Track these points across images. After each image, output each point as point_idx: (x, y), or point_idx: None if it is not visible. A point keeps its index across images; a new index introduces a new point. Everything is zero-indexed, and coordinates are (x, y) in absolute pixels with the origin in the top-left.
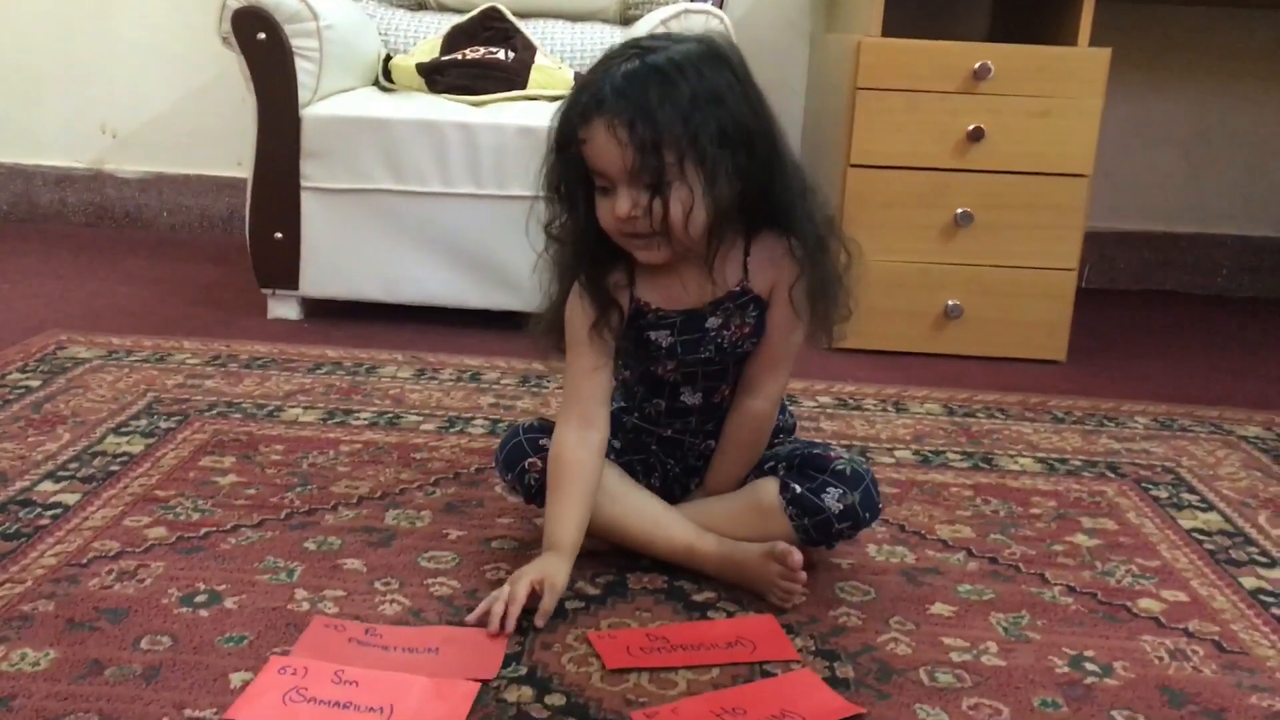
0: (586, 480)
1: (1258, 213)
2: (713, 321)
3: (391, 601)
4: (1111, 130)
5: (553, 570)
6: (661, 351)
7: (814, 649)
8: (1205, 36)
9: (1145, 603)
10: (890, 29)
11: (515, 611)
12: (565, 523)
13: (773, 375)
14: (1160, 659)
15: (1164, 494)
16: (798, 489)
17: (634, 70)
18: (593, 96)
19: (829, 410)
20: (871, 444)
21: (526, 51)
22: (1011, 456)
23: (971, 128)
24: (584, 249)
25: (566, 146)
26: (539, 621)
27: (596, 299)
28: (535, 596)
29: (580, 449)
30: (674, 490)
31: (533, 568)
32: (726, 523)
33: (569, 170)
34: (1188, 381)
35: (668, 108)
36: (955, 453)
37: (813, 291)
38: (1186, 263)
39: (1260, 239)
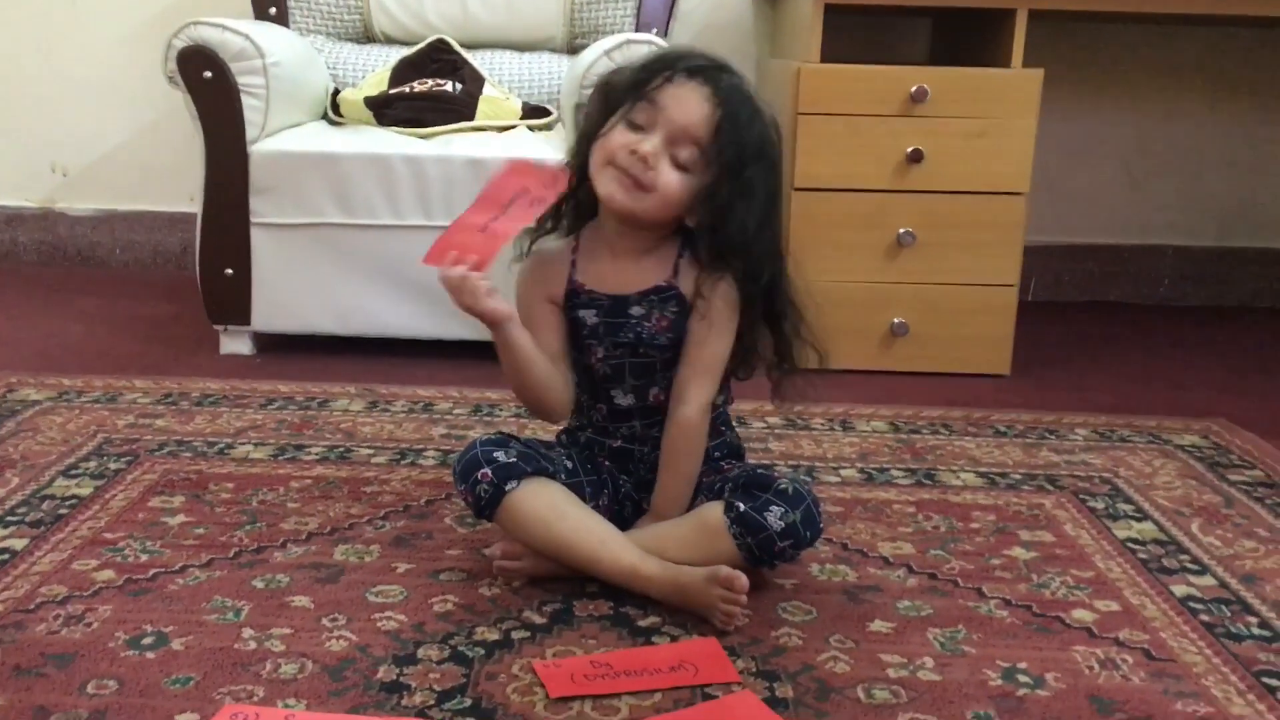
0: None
1: (1197, 224)
2: (636, 310)
3: (339, 638)
4: (1053, 147)
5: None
6: (586, 330)
7: (755, 670)
8: (1139, 53)
9: (1078, 613)
10: (831, 54)
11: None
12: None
13: (699, 383)
14: (1091, 668)
15: (1100, 505)
16: (741, 507)
17: (741, 84)
18: (711, 66)
19: (777, 431)
20: (818, 463)
21: (474, 83)
22: (954, 472)
23: (911, 150)
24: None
25: (652, 76)
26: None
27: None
28: None
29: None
30: (625, 508)
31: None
32: (673, 545)
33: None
34: (1129, 392)
35: (753, 129)
36: (899, 469)
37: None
38: (1130, 274)
39: (1200, 249)
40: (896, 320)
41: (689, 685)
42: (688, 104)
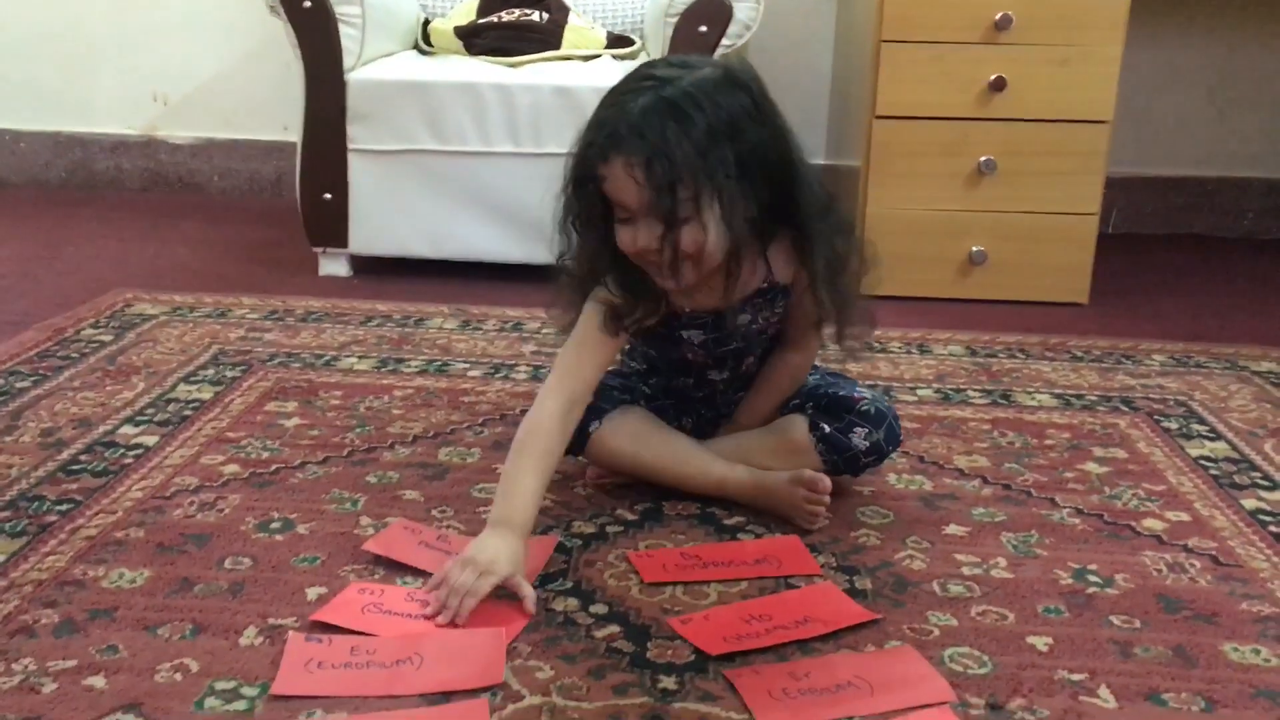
0: (554, 457)
1: None
2: (743, 318)
3: (448, 527)
4: (1137, 76)
5: (514, 562)
6: (694, 347)
7: (835, 565)
8: None
9: (1149, 522)
10: None
11: (471, 605)
12: (525, 498)
13: (814, 333)
14: (1159, 571)
15: (1174, 425)
16: (827, 429)
17: (649, 105)
18: (609, 135)
19: (855, 353)
20: (895, 384)
21: (560, 13)
22: (1029, 393)
23: (994, 77)
24: (604, 265)
25: (585, 183)
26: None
27: (631, 293)
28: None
29: (560, 427)
30: (705, 431)
31: (494, 557)
32: (758, 456)
33: (587, 200)
34: (1207, 321)
35: (684, 144)
36: (976, 390)
37: (831, 304)
38: (1213, 206)
39: None
40: (975, 248)
41: (773, 576)
42: (625, 186)
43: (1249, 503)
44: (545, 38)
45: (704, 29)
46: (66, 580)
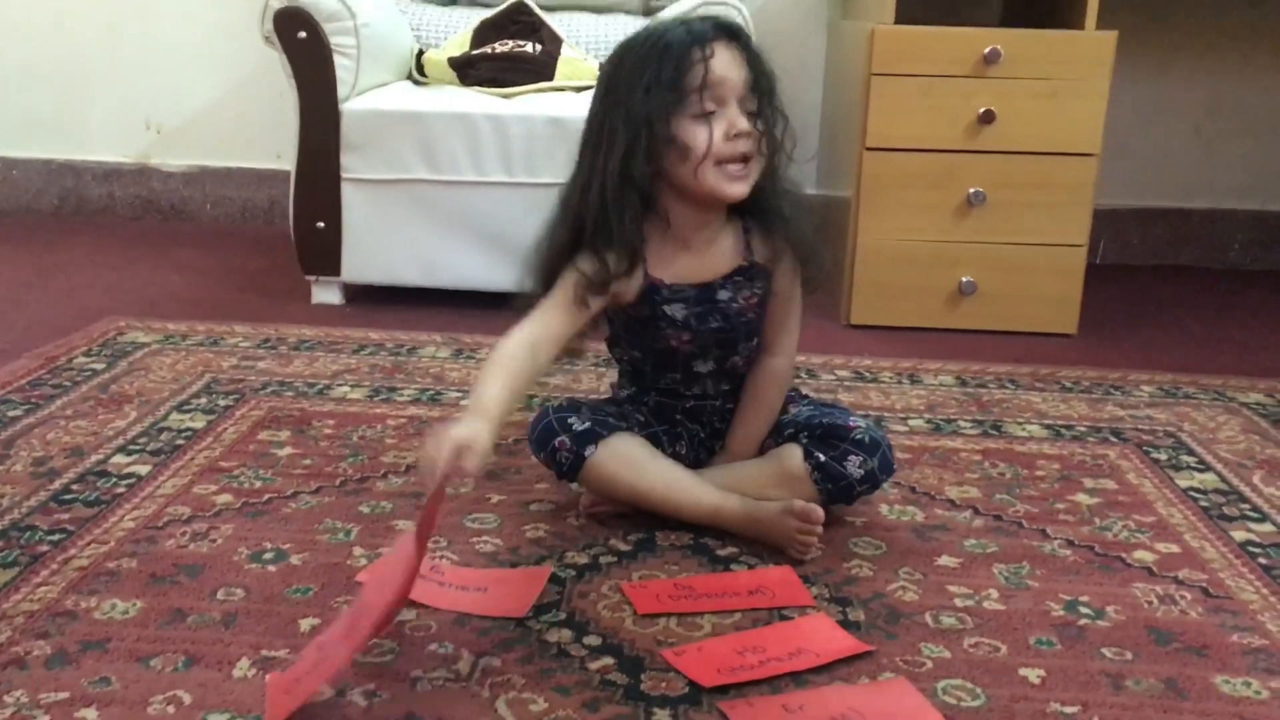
0: (521, 373)
1: (1270, 188)
2: (724, 294)
3: (441, 557)
4: (1125, 109)
5: (474, 432)
6: (676, 324)
7: (828, 596)
8: (1215, 15)
9: (1139, 554)
10: (904, 16)
11: (439, 475)
12: (494, 392)
13: (786, 332)
14: (1150, 603)
15: (1164, 456)
16: (822, 457)
17: (730, 22)
18: (714, 25)
19: (846, 383)
20: (886, 414)
21: (553, 44)
22: (1020, 424)
23: (983, 110)
24: (618, 199)
25: (689, 65)
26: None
27: (617, 255)
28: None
29: (529, 353)
30: (700, 455)
31: (455, 429)
32: (753, 486)
33: (650, 105)
34: (1195, 352)
35: (762, 56)
36: (966, 421)
37: (804, 247)
38: (1199, 238)
39: (1272, 213)
40: (965, 279)
41: (766, 608)
42: (733, 67)
43: (1238, 534)
44: (539, 69)
45: None
46: (58, 611)
